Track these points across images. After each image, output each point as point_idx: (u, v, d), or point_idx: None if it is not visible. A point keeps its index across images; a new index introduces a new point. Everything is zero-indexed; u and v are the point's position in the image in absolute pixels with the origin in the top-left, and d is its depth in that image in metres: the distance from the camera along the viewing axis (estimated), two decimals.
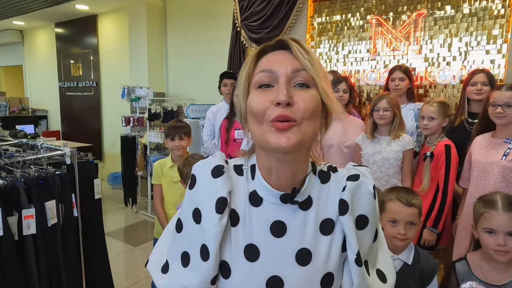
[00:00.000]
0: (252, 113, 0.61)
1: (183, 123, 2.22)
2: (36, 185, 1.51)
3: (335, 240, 0.66)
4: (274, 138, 0.59)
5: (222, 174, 0.66)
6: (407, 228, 1.31)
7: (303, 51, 0.61)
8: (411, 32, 2.73)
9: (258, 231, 0.66)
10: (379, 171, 2.20)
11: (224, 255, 0.66)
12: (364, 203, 0.66)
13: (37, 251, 1.50)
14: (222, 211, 0.64)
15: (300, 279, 0.64)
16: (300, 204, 0.66)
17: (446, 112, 2.05)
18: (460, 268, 1.31)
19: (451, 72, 2.61)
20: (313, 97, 0.61)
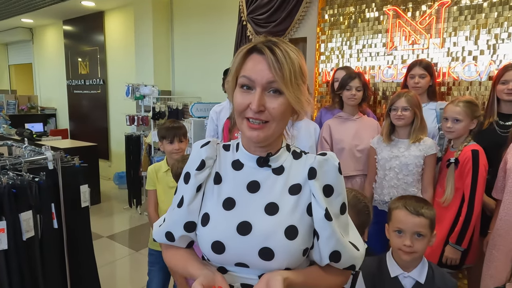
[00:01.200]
0: (235, 107, 0.79)
1: (179, 123, 2.03)
2: (9, 195, 1.35)
3: (301, 200, 0.79)
4: (248, 132, 0.77)
5: (206, 145, 0.86)
6: (414, 239, 1.20)
7: (276, 64, 0.73)
8: (433, 23, 2.47)
9: (236, 188, 0.82)
10: (396, 178, 1.99)
11: (207, 208, 0.82)
12: (330, 175, 0.79)
13: (9, 268, 1.34)
14: (201, 169, 0.83)
15: (267, 225, 0.77)
16: (273, 170, 0.82)
17: (474, 113, 1.83)
18: None
19: (478, 68, 2.35)
20: (282, 104, 0.76)
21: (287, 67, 0.73)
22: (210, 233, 0.79)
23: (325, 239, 0.77)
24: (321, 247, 0.78)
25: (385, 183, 2.02)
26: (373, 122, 2.34)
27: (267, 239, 0.76)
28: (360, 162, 2.23)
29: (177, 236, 0.84)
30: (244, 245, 0.76)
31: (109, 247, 3.53)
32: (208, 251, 0.79)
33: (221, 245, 0.77)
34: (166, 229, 0.85)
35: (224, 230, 0.78)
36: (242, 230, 0.77)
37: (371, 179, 2.14)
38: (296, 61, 0.76)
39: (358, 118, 2.31)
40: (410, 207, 1.22)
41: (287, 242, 0.75)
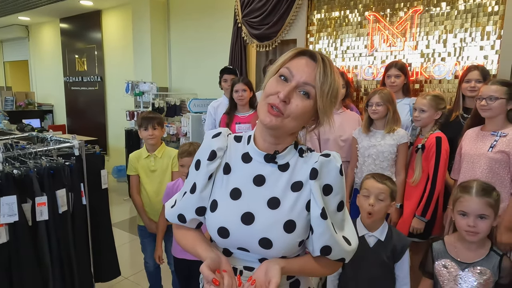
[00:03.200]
0: (265, 90, 0.84)
1: (156, 114, 2.32)
2: (48, 175, 1.61)
3: (301, 197, 0.85)
4: (263, 115, 0.82)
5: (218, 136, 0.92)
6: (376, 201, 1.47)
7: (322, 73, 0.79)
8: (408, 28, 2.79)
9: (244, 180, 0.88)
10: (373, 164, 2.28)
11: (215, 195, 0.89)
12: (331, 175, 0.84)
13: (49, 235, 1.61)
14: (212, 159, 0.89)
15: (268, 218, 0.84)
16: (279, 166, 0.88)
17: (438, 105, 2.11)
18: (436, 247, 1.42)
19: (446, 67, 2.67)
20: (305, 106, 0.81)
21: (330, 81, 0.79)
22: (217, 219, 0.86)
23: (318, 234, 0.83)
24: (314, 241, 0.85)
25: (365, 168, 2.32)
26: (355, 116, 2.64)
27: (267, 231, 0.82)
28: (344, 150, 2.53)
29: (189, 218, 0.91)
30: (246, 233, 0.83)
31: None
32: (214, 234, 0.87)
33: (226, 230, 0.85)
34: (179, 212, 0.92)
35: (230, 218, 0.85)
36: (245, 220, 0.84)
37: (353, 165, 2.43)
38: (337, 83, 0.82)
39: (341, 112, 2.60)
40: (377, 177, 1.53)
41: (285, 235, 0.82)
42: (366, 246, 1.48)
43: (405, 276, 1.48)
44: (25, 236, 1.53)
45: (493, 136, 1.78)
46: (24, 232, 1.52)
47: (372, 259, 1.47)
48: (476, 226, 1.30)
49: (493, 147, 1.75)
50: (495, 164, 1.75)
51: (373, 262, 1.46)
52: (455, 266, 1.35)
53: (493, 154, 1.75)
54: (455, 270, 1.35)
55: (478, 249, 1.34)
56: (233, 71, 3.02)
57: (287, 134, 0.85)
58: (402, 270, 1.48)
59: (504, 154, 1.73)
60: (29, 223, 1.56)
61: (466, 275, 1.32)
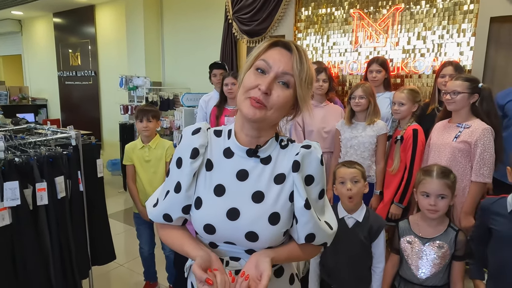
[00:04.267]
0: (243, 85, 0.83)
1: (152, 107, 2.43)
2: (47, 163, 1.73)
3: (284, 189, 0.87)
4: (247, 109, 0.81)
5: (198, 132, 0.90)
6: (353, 185, 1.60)
7: (298, 61, 0.81)
8: (390, 25, 2.92)
9: (227, 176, 0.88)
10: (355, 154, 2.42)
11: (199, 192, 0.89)
12: (313, 166, 0.87)
13: (49, 219, 1.73)
14: (194, 157, 0.88)
15: (253, 212, 0.86)
16: (261, 159, 0.89)
17: (415, 98, 2.26)
18: (402, 226, 1.57)
19: (425, 63, 2.82)
20: (286, 96, 0.82)
21: (306, 68, 0.81)
22: (202, 216, 0.87)
23: (302, 224, 0.86)
24: (299, 230, 0.87)
25: (347, 158, 2.44)
26: (338, 109, 2.78)
27: (253, 224, 0.84)
28: (327, 141, 2.67)
29: (175, 217, 0.91)
30: (233, 228, 0.85)
31: None
32: (201, 231, 0.89)
33: (212, 227, 0.86)
34: (164, 211, 0.91)
35: (215, 215, 0.86)
36: (231, 216, 0.85)
37: (336, 156, 2.57)
38: (312, 70, 0.84)
39: (325, 105, 2.73)
40: (347, 164, 1.67)
41: (270, 227, 0.85)
42: (345, 227, 1.61)
43: (381, 254, 1.62)
44: (27, 219, 1.65)
45: (458, 128, 1.93)
46: (26, 215, 1.64)
47: (350, 238, 1.60)
48: (437, 204, 1.44)
49: (457, 138, 1.89)
50: (458, 153, 1.89)
51: (352, 241, 1.59)
52: (418, 242, 1.50)
53: (456, 143, 1.90)
54: (417, 245, 1.50)
55: (437, 225, 1.49)
56: (222, 66, 3.14)
57: (269, 126, 0.87)
58: (378, 248, 1.61)
59: (466, 144, 1.87)
60: (30, 207, 1.68)
61: (427, 249, 1.47)
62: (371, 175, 2.37)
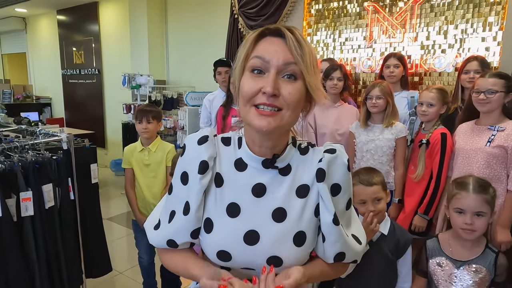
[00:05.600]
0: (242, 94, 0.69)
1: (153, 107, 2.27)
2: (33, 169, 1.57)
3: (308, 203, 0.75)
4: (257, 121, 0.68)
5: (205, 142, 0.76)
6: (375, 204, 1.42)
7: (297, 45, 0.67)
8: (407, 19, 2.72)
9: (240, 192, 0.75)
10: (372, 159, 2.23)
11: (209, 213, 0.76)
12: (339, 173, 0.75)
13: (35, 231, 1.58)
14: (203, 172, 0.74)
15: (275, 233, 0.73)
16: (280, 170, 0.76)
17: (445, 99, 2.06)
18: (431, 245, 1.38)
19: (447, 59, 2.61)
20: (298, 90, 0.69)
21: (307, 50, 0.68)
22: (215, 242, 0.75)
23: (331, 242, 0.76)
24: (327, 249, 0.77)
25: (363, 163, 2.26)
26: (353, 109, 2.59)
27: (276, 247, 0.73)
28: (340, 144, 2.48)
29: (181, 242, 0.78)
30: (252, 254, 0.74)
31: (109, 228, 3.75)
32: (213, 258, 0.76)
33: (227, 254, 0.74)
34: (169, 237, 0.78)
35: (230, 240, 0.74)
36: (249, 240, 0.73)
37: (350, 161, 2.38)
38: (313, 49, 0.70)
39: (339, 106, 2.55)
40: (364, 181, 1.45)
41: (296, 249, 0.74)
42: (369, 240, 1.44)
43: (407, 273, 1.44)
44: (10, 232, 1.49)
45: (490, 131, 1.72)
46: (9, 227, 1.49)
47: (374, 252, 1.43)
48: (473, 223, 1.25)
49: (491, 142, 1.69)
50: (493, 159, 1.69)
51: (376, 256, 1.43)
52: (450, 264, 1.31)
53: (491, 149, 1.70)
54: (450, 268, 1.31)
55: (473, 246, 1.30)
56: (227, 63, 2.96)
57: (286, 131, 0.75)
58: (405, 266, 1.44)
59: (502, 149, 1.67)
60: (14, 218, 1.52)
61: (461, 274, 1.28)
62: (389, 181, 2.18)
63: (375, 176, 1.47)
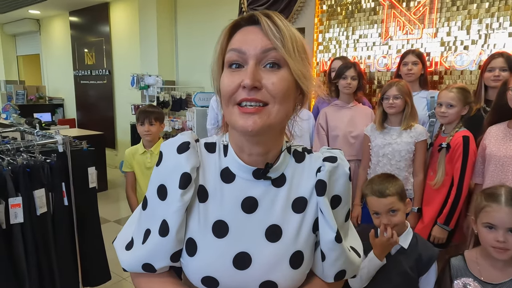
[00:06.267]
0: (222, 94, 0.61)
1: (155, 108, 2.20)
2: (24, 174, 1.48)
3: (306, 219, 0.67)
4: (241, 121, 0.59)
5: (187, 150, 0.65)
6: (390, 216, 1.31)
7: (274, 28, 0.58)
8: (426, 14, 2.54)
9: (228, 207, 0.66)
10: (389, 164, 2.07)
11: (191, 232, 0.66)
12: (340, 184, 0.67)
13: (25, 240, 1.49)
14: (185, 186, 0.63)
15: (269, 255, 0.64)
16: (273, 180, 0.67)
17: (466, 99, 1.89)
18: (456, 264, 1.23)
19: (469, 57, 2.42)
20: (283, 79, 0.59)
21: (287, 32, 0.59)
22: (199, 266, 0.65)
23: (332, 261, 0.68)
24: (326, 268, 0.69)
25: (379, 169, 2.11)
26: (367, 110, 2.43)
27: (270, 271, 0.64)
28: (354, 148, 2.33)
29: (159, 266, 0.67)
30: (243, 280, 0.64)
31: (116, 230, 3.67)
32: (198, 284, 0.66)
33: (214, 280, 0.64)
34: (145, 261, 0.67)
35: (217, 264, 0.64)
36: (239, 264, 0.64)
37: (365, 165, 2.22)
38: (297, 34, 0.61)
39: (353, 106, 2.39)
40: (377, 192, 1.32)
41: (292, 272, 0.65)
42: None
43: None
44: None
45: None
46: None
47: (392, 268, 1.31)
48: (507, 241, 1.09)
49: None
50: None
51: (394, 271, 1.30)
52: (478, 287, 1.15)
53: None
54: None
55: (505, 267, 1.14)
56: None
57: (277, 132, 0.65)
58: (428, 285, 1.31)
59: None
60: (2, 226, 1.43)
61: None
62: (408, 188, 2.02)
63: (390, 185, 1.33)
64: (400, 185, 1.38)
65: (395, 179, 1.39)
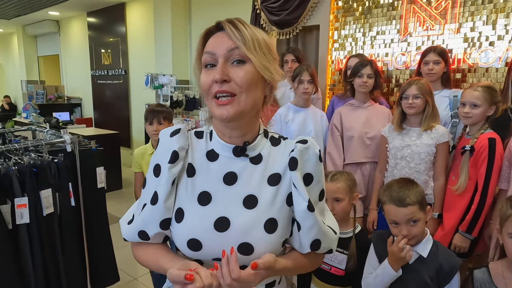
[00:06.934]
0: (202, 89, 0.75)
1: (163, 107, 2.16)
2: (30, 173, 1.46)
3: (280, 191, 0.78)
4: (218, 111, 0.72)
5: (177, 133, 0.79)
6: (410, 227, 1.23)
7: (236, 31, 0.71)
8: (449, 8, 2.41)
9: (212, 181, 0.78)
10: (407, 167, 1.97)
11: (180, 203, 0.78)
12: (311, 163, 0.78)
13: (31, 240, 1.47)
14: (174, 161, 0.77)
15: (246, 220, 0.75)
16: (251, 159, 0.79)
17: (493, 98, 1.76)
18: (479, 276, 1.14)
19: (495, 53, 2.28)
20: (248, 72, 0.72)
21: (248, 34, 0.72)
22: (185, 230, 0.76)
23: (307, 229, 0.77)
24: (302, 237, 0.78)
25: (397, 172, 2.00)
26: (385, 110, 2.32)
27: (246, 234, 0.74)
28: (370, 149, 2.23)
29: (152, 233, 0.79)
30: (222, 241, 0.73)
31: None
32: (184, 248, 0.76)
33: (198, 242, 0.74)
34: (139, 228, 0.79)
35: (200, 227, 0.75)
36: (219, 226, 0.74)
37: (382, 168, 2.12)
38: (259, 34, 0.74)
39: (369, 106, 2.29)
40: (396, 200, 1.23)
41: (267, 236, 0.75)
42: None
43: None
44: (3, 240, 1.39)
45: None
46: (2, 236, 1.38)
47: (410, 278, 1.23)
48: None
49: None
50: None
51: (412, 282, 1.23)
52: None
53: None
54: None
55: None
56: None
57: (251, 117, 0.77)
58: None
59: None
60: (8, 226, 1.42)
61: None
62: (428, 193, 1.91)
63: (411, 193, 1.24)
64: (420, 192, 1.29)
65: (415, 185, 1.30)
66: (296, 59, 2.66)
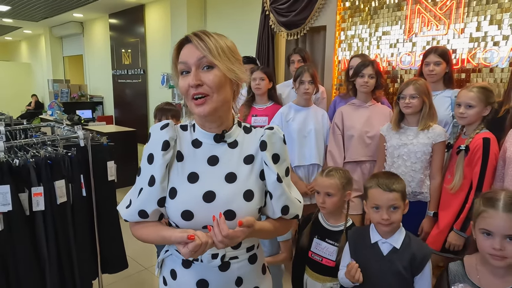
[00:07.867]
0: (181, 92, 0.91)
1: (171, 106, 2.27)
2: (46, 165, 1.61)
3: (254, 168, 0.96)
4: (196, 109, 0.89)
5: (166, 127, 0.94)
6: (390, 212, 1.30)
7: (201, 43, 0.86)
8: (453, 8, 2.41)
9: (198, 163, 0.94)
10: (404, 165, 2.01)
11: (173, 183, 0.92)
12: (277, 145, 0.97)
13: (46, 226, 1.62)
14: (166, 149, 0.92)
15: (228, 192, 0.91)
16: (228, 144, 0.96)
17: (488, 99, 1.79)
18: (454, 269, 1.18)
19: (500, 53, 2.26)
20: (216, 75, 0.87)
21: (212, 43, 0.86)
22: (179, 204, 0.90)
23: (277, 197, 0.95)
24: (274, 204, 0.96)
25: (393, 170, 2.04)
26: (386, 110, 2.35)
27: (229, 203, 0.90)
28: (370, 148, 2.27)
29: (150, 211, 0.92)
30: (210, 210, 0.88)
31: None
32: (178, 219, 0.90)
33: (190, 213, 0.89)
34: (139, 208, 0.92)
35: (192, 200, 0.90)
36: (207, 198, 0.90)
37: (380, 166, 2.16)
38: (222, 41, 0.89)
39: (370, 106, 2.33)
40: (383, 185, 1.30)
41: (246, 203, 0.92)
42: (379, 254, 1.33)
43: None
44: (21, 225, 1.54)
45: None
46: (20, 221, 1.54)
47: (385, 268, 1.30)
48: (504, 249, 1.02)
49: None
50: None
51: (387, 272, 1.29)
52: None
53: None
54: None
55: (506, 275, 1.07)
56: (252, 61, 2.87)
57: (224, 111, 0.92)
58: (423, 285, 1.28)
59: None
60: (26, 212, 1.57)
61: None
62: (423, 192, 1.95)
63: (396, 182, 1.32)
64: (403, 185, 1.36)
65: (399, 178, 1.38)
66: (302, 59, 2.72)
